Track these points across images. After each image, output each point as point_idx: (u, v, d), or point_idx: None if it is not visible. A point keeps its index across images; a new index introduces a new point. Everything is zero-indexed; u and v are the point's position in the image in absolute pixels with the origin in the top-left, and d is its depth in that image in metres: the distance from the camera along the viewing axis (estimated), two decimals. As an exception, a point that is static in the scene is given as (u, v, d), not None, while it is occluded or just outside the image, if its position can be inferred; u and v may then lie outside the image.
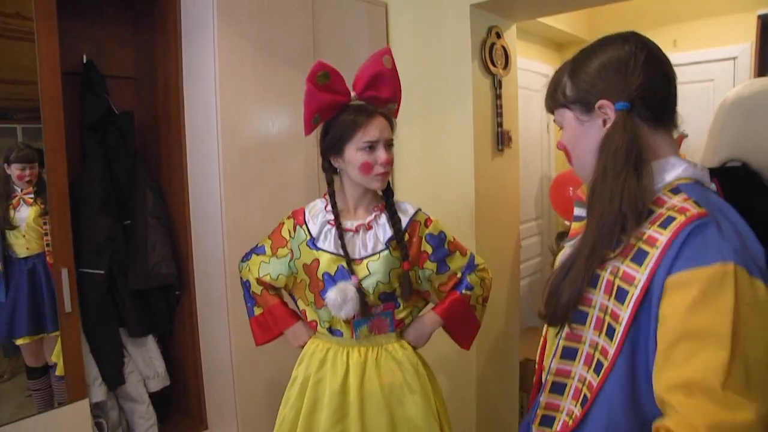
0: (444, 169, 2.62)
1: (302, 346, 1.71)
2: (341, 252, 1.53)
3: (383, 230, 1.58)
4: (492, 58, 2.60)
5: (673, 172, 0.96)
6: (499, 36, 2.65)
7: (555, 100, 1.08)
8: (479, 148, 2.56)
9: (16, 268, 1.98)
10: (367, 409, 1.55)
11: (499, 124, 2.67)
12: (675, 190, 0.94)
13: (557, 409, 1.04)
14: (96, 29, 2.36)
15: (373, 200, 1.63)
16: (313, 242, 1.58)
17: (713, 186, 1.01)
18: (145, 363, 2.30)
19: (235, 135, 2.11)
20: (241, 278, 1.79)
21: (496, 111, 2.67)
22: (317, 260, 1.56)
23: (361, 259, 1.55)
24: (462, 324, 1.68)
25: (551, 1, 2.59)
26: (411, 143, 2.72)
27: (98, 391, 2.11)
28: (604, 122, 0.98)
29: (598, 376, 0.94)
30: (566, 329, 1.02)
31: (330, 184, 1.61)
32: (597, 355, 0.96)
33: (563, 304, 0.97)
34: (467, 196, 2.55)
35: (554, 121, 1.12)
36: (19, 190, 1.97)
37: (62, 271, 1.93)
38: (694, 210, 0.88)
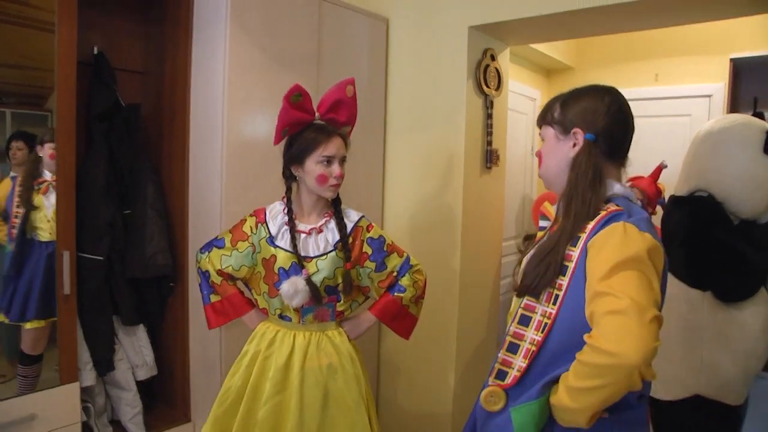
0: (434, 182, 2.73)
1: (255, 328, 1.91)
2: (291, 250, 1.76)
3: (332, 234, 1.82)
4: (486, 78, 2.73)
5: (611, 190, 1.32)
6: (493, 58, 2.78)
7: (545, 119, 1.43)
8: (469, 164, 2.68)
9: (36, 251, 2.02)
10: (306, 383, 1.76)
11: (489, 143, 2.79)
12: (607, 201, 1.30)
13: (510, 366, 1.30)
14: (107, 21, 2.43)
15: (325, 207, 1.86)
16: (272, 240, 1.79)
17: (639, 203, 1.40)
18: (135, 351, 2.34)
19: (239, 134, 2.20)
20: (199, 268, 1.92)
21: (487, 130, 2.79)
22: (275, 256, 1.78)
23: (312, 258, 1.78)
24: (397, 321, 1.92)
25: (544, 29, 2.72)
26: (404, 154, 2.83)
27: (88, 376, 2.15)
28: (574, 144, 1.34)
29: (542, 333, 1.25)
30: (525, 301, 1.31)
31: (289, 190, 1.84)
32: (544, 320, 1.26)
33: (549, 277, 1.26)
34: (455, 210, 2.66)
35: (539, 134, 1.46)
36: (49, 175, 2.02)
37: (64, 254, 1.98)
38: (613, 207, 1.26)
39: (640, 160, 3.83)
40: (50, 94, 2.09)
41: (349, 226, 1.83)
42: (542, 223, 1.50)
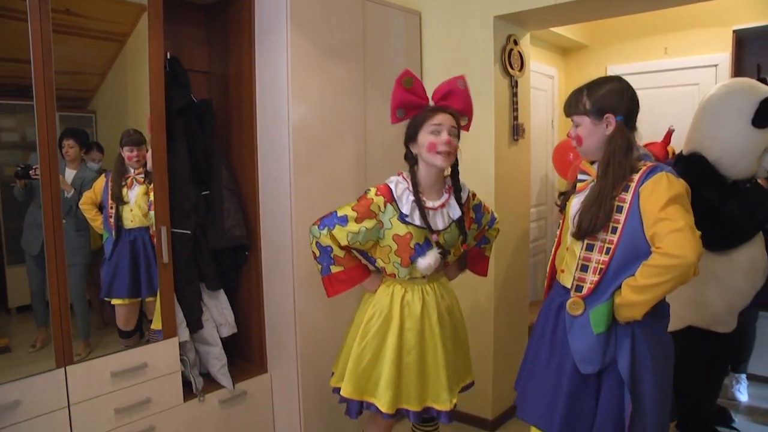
0: (468, 155, 3.02)
1: (376, 290, 2.14)
2: (425, 226, 2.00)
3: (453, 210, 2.08)
4: (510, 61, 3.04)
5: (638, 152, 1.79)
6: (516, 43, 3.09)
7: (577, 109, 1.84)
8: (499, 138, 3.01)
9: (123, 237, 2.38)
10: (441, 324, 2.09)
11: (515, 118, 3.12)
12: (638, 158, 1.76)
13: (584, 281, 1.77)
14: (174, 28, 2.75)
15: (443, 182, 2.11)
16: (403, 217, 1.99)
17: (652, 158, 1.82)
18: (218, 312, 2.71)
19: (301, 118, 2.53)
20: (318, 243, 2.04)
21: (513, 107, 3.11)
22: (410, 233, 1.99)
23: (441, 231, 2.05)
24: (479, 265, 2.39)
25: (561, 14, 3.02)
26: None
27: (183, 333, 2.51)
28: (607, 126, 1.77)
29: (607, 255, 1.72)
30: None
31: (412, 172, 2.05)
32: (606, 245, 1.73)
33: (602, 220, 1.71)
34: (488, 179, 2.99)
35: (573, 121, 1.87)
36: (132, 170, 2.38)
37: (161, 229, 2.35)
38: (649, 164, 1.73)
39: (653, 127, 4.13)
40: (92, 97, 2.38)
41: (464, 197, 2.12)
42: (581, 176, 1.90)
